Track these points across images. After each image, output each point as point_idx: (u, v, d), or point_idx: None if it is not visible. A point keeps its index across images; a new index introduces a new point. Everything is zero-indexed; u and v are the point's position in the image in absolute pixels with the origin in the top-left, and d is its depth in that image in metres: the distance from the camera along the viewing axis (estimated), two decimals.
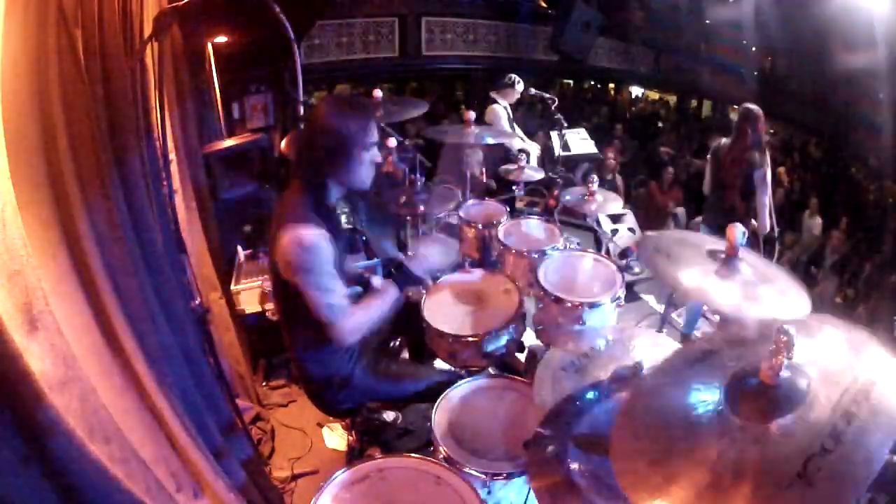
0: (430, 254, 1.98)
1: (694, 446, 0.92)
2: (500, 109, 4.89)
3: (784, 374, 0.93)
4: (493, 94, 4.97)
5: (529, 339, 2.45)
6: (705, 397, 0.99)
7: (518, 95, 4.96)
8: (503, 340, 2.08)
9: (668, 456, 0.93)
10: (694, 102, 11.42)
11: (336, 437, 2.65)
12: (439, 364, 2.22)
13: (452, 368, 2.11)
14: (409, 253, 1.97)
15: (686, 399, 1.01)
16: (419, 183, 2.83)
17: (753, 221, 3.54)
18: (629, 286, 2.35)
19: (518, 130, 5.09)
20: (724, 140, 3.72)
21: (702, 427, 0.95)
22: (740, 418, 0.92)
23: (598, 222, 4.35)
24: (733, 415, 0.93)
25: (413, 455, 1.52)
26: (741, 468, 0.85)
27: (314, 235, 1.63)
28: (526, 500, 1.58)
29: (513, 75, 4.99)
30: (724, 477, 0.85)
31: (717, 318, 3.39)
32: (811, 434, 0.86)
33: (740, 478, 0.84)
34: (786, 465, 0.83)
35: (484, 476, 1.52)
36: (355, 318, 1.73)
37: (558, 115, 4.39)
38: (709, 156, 3.85)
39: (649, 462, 0.93)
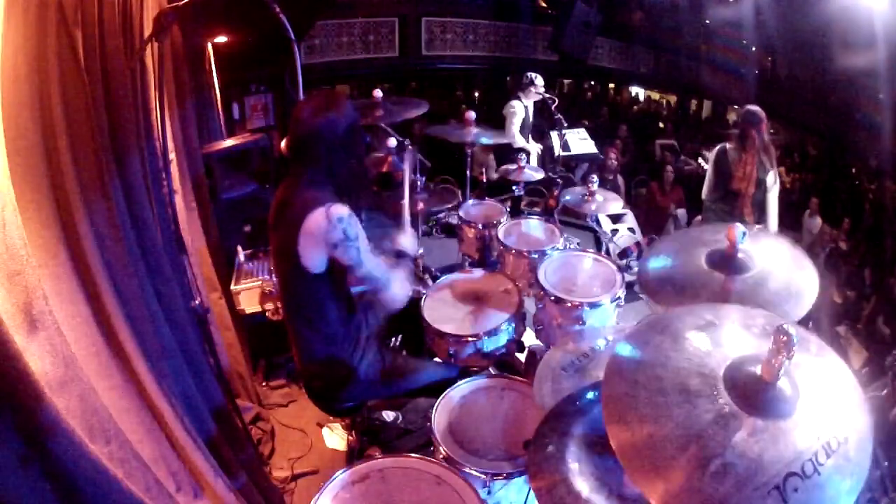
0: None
1: (688, 416, 0.93)
2: (519, 107, 4.92)
3: (784, 380, 0.94)
4: (518, 93, 5.00)
5: (529, 339, 2.45)
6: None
7: (541, 91, 4.92)
8: (503, 340, 2.08)
9: (660, 415, 0.94)
10: (694, 102, 11.42)
11: (336, 437, 2.65)
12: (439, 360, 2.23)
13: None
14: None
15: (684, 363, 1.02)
16: (419, 183, 2.84)
17: (759, 226, 3.51)
18: (629, 286, 2.35)
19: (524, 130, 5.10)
20: (728, 145, 3.63)
21: (698, 399, 0.95)
22: (737, 406, 0.93)
23: (598, 222, 4.35)
24: (730, 399, 0.95)
25: (413, 455, 1.52)
26: (729, 459, 0.87)
27: (339, 207, 1.67)
28: (526, 500, 1.58)
29: (530, 73, 4.99)
30: (710, 461, 0.87)
31: None
32: (796, 451, 0.88)
33: (727, 469, 0.86)
34: (768, 473, 0.85)
35: (484, 476, 1.52)
36: (398, 275, 1.84)
37: (558, 115, 4.39)
38: (711, 161, 3.78)
39: (640, 418, 0.94)
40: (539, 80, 4.91)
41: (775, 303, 1.38)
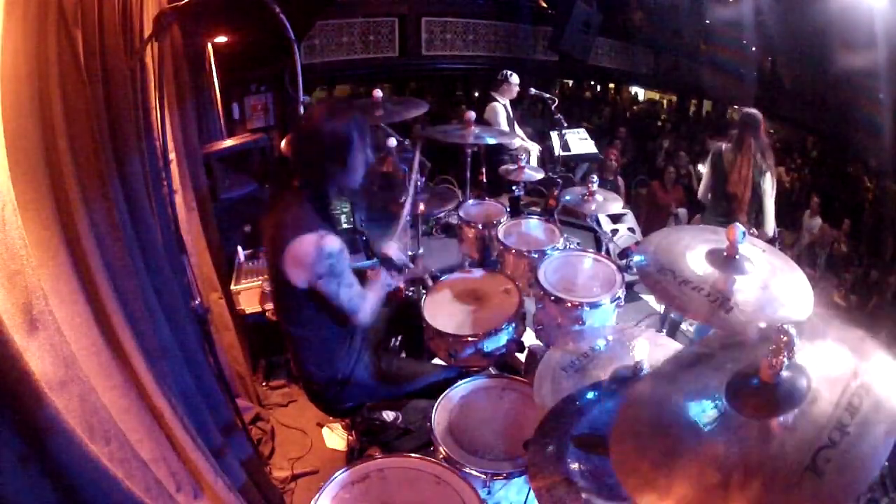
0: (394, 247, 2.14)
1: (698, 445, 0.92)
2: (500, 107, 4.92)
3: (784, 373, 0.93)
4: (493, 93, 5.00)
5: (529, 339, 2.45)
6: (703, 403, 1.00)
7: (516, 90, 4.97)
8: (503, 340, 2.08)
9: (672, 456, 0.93)
10: (694, 102, 11.42)
11: (336, 437, 2.65)
12: (438, 361, 2.23)
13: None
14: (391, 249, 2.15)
15: (685, 403, 1.01)
16: (419, 183, 2.83)
17: (754, 230, 3.51)
18: (629, 286, 2.35)
19: (517, 129, 5.10)
20: (724, 145, 3.61)
21: (711, 428, 0.95)
22: (743, 416, 0.93)
23: (597, 222, 4.35)
24: (736, 412, 0.94)
25: (413, 455, 1.52)
26: (749, 466, 0.86)
27: (332, 240, 1.66)
28: (526, 500, 1.58)
29: (505, 71, 5.01)
30: (732, 475, 0.86)
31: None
32: (817, 428, 0.87)
33: (749, 475, 0.85)
34: (794, 460, 0.84)
35: (484, 476, 1.52)
36: (371, 300, 1.82)
37: (558, 115, 4.39)
38: (708, 162, 3.76)
39: (652, 463, 0.93)
40: (514, 78, 4.92)
41: (774, 306, 1.38)
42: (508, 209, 3.27)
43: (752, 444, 0.89)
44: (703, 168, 3.91)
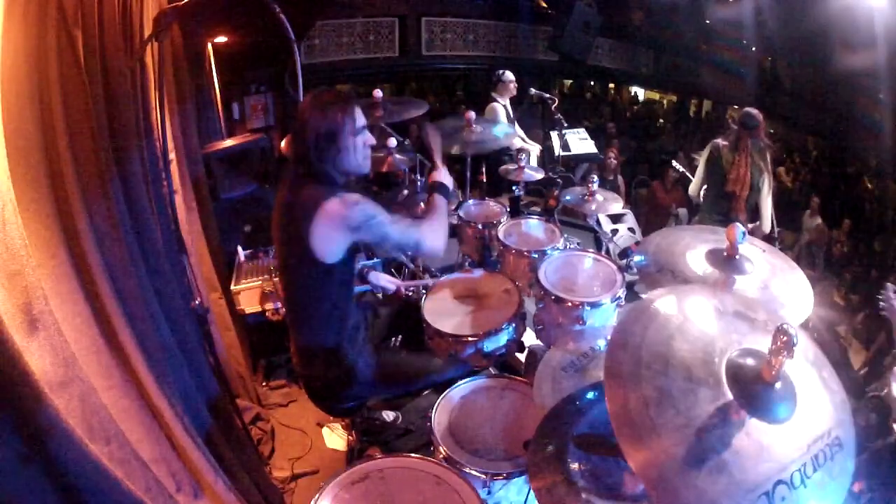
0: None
1: (691, 404, 0.92)
2: (499, 107, 4.91)
3: (783, 382, 0.94)
4: (493, 94, 5.01)
5: (529, 339, 2.45)
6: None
7: (513, 87, 4.96)
8: (503, 340, 2.08)
9: (664, 399, 0.92)
10: (694, 102, 11.42)
11: (336, 437, 2.65)
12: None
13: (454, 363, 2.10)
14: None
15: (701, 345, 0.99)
16: (419, 183, 2.84)
17: (751, 225, 3.51)
18: (629, 286, 2.35)
19: (518, 129, 5.10)
20: (721, 143, 3.60)
21: (700, 387, 0.94)
22: (736, 399, 0.93)
23: (597, 222, 4.35)
24: (731, 392, 0.94)
25: (413, 455, 1.52)
26: (724, 458, 0.87)
27: (352, 194, 1.67)
28: (526, 500, 1.58)
29: (499, 70, 5.00)
30: (707, 457, 0.87)
31: None
32: (788, 460, 0.88)
33: (720, 469, 0.86)
34: (759, 474, 0.85)
35: (484, 476, 1.52)
36: (429, 225, 1.84)
37: (558, 115, 4.39)
38: (703, 158, 3.74)
39: (642, 402, 0.92)
40: (508, 76, 4.91)
41: (774, 306, 1.38)
42: (508, 209, 3.27)
43: (735, 435, 0.89)
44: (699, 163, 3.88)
